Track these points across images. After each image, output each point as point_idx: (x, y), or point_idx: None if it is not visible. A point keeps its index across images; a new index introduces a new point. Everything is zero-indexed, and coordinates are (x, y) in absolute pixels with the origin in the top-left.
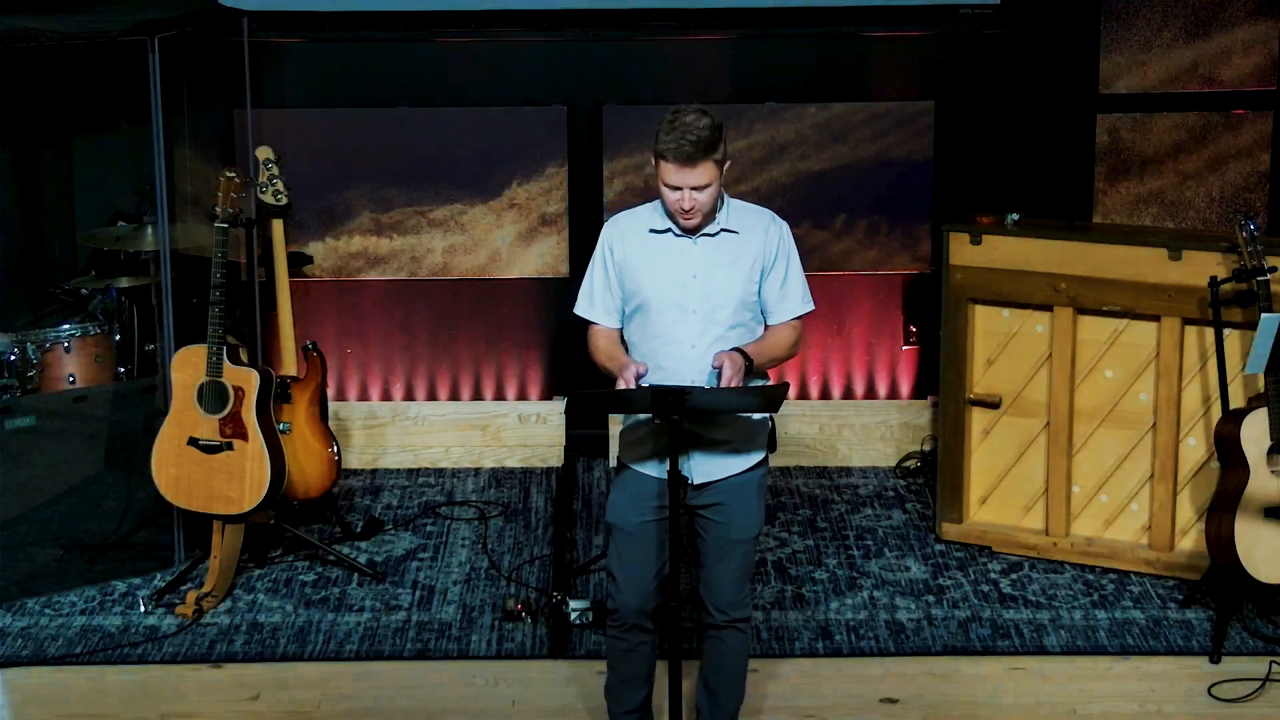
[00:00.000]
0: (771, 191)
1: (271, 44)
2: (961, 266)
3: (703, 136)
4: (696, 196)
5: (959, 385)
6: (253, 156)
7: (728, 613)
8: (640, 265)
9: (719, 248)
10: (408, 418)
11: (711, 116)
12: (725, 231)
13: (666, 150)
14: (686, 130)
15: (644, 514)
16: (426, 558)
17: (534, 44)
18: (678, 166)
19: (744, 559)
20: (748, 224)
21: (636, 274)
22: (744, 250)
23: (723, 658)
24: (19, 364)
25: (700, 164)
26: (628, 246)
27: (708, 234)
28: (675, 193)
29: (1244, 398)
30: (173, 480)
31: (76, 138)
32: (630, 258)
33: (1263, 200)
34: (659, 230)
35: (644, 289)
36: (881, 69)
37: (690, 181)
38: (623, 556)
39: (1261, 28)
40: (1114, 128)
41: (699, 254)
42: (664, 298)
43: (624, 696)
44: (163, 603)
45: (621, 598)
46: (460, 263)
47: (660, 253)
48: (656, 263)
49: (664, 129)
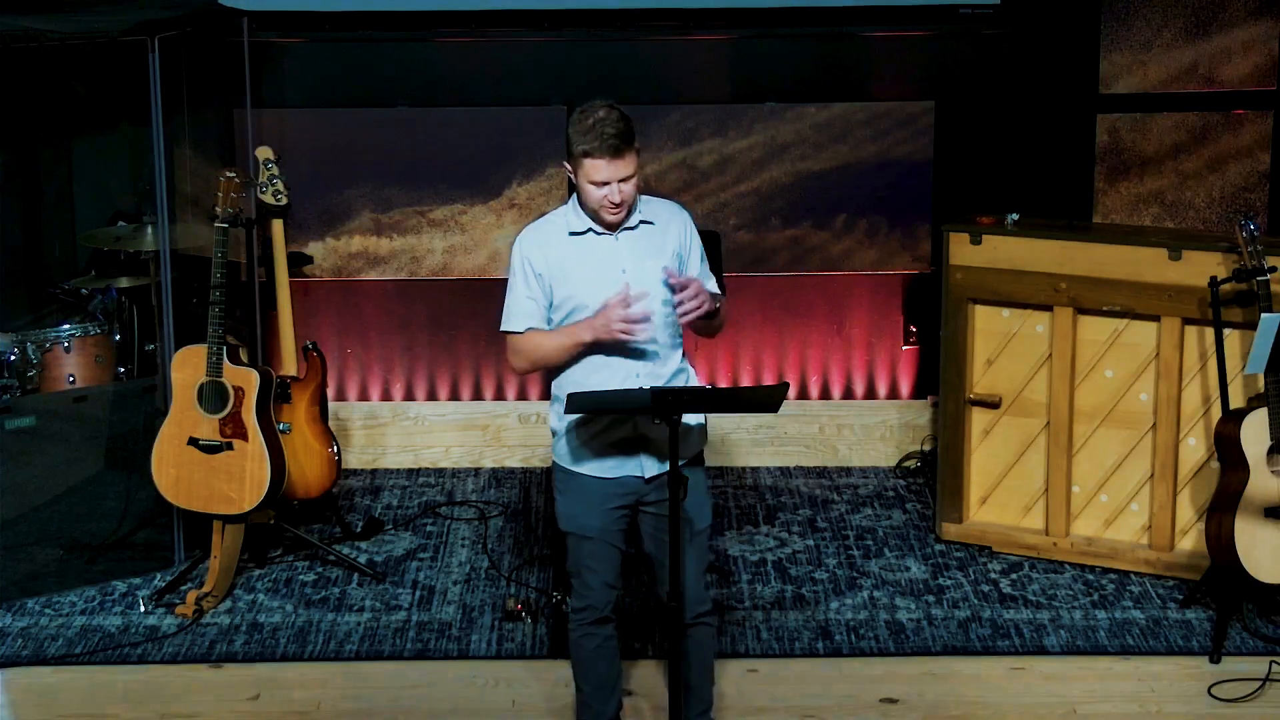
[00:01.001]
0: (771, 191)
1: (271, 44)
2: (961, 266)
3: (621, 128)
4: (624, 188)
5: (959, 385)
6: (253, 156)
7: (694, 609)
8: (569, 269)
9: (642, 239)
10: (408, 418)
11: (619, 109)
12: (644, 223)
13: (591, 148)
14: (605, 124)
15: (602, 517)
16: (426, 558)
17: (534, 44)
18: (606, 160)
19: (701, 551)
20: (661, 214)
21: (566, 279)
22: (664, 239)
23: (692, 655)
24: (19, 364)
25: (625, 154)
26: (550, 255)
27: (628, 228)
28: (603, 188)
29: (1244, 398)
30: (173, 480)
31: (76, 138)
32: (555, 266)
33: (1263, 200)
34: (579, 232)
35: (577, 292)
36: (881, 69)
37: (619, 174)
38: (588, 560)
39: (1261, 28)
40: (1114, 128)
41: (624, 248)
42: (599, 296)
43: (600, 708)
44: (163, 603)
45: (593, 594)
46: (460, 263)
47: (585, 254)
48: (585, 264)
49: (579, 129)
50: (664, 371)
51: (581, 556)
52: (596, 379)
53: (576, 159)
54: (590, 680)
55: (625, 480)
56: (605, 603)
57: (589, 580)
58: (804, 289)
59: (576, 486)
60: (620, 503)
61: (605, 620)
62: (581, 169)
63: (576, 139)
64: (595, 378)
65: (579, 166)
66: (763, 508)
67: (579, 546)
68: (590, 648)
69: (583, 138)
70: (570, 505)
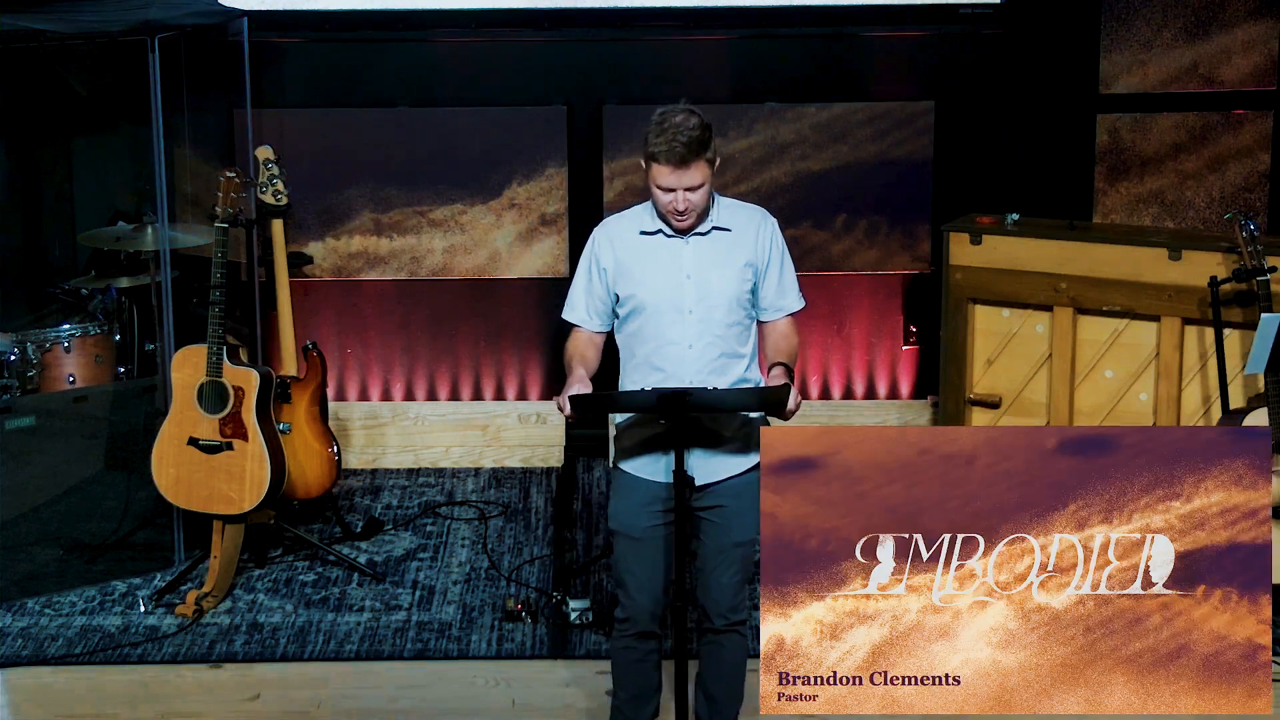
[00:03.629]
0: (771, 191)
1: (271, 44)
2: (961, 266)
3: (694, 137)
4: (690, 197)
5: (959, 385)
6: (253, 156)
7: (727, 616)
8: (633, 268)
9: (711, 246)
10: (408, 418)
11: (700, 115)
12: (717, 230)
13: (659, 153)
14: (678, 131)
15: (650, 519)
16: (426, 558)
17: (534, 44)
18: (671, 168)
19: (743, 562)
20: (739, 221)
21: (630, 277)
22: (736, 248)
23: (721, 662)
24: (19, 364)
25: (693, 164)
26: (618, 250)
27: (699, 233)
28: (669, 195)
29: (1244, 398)
30: (173, 480)
31: (76, 138)
32: (622, 262)
33: (1263, 200)
34: (649, 232)
35: (639, 292)
36: (881, 69)
37: (684, 183)
38: (631, 563)
39: (1261, 28)
40: (1114, 128)
41: (691, 253)
42: (659, 299)
43: (632, 715)
44: (163, 603)
45: (634, 605)
46: (460, 263)
47: (653, 254)
48: (649, 265)
49: (653, 131)
50: (721, 382)
51: (626, 560)
52: (651, 382)
53: (646, 160)
54: (627, 689)
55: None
56: (648, 615)
57: (631, 589)
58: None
59: (624, 485)
60: (669, 505)
61: (648, 635)
62: (650, 171)
63: (650, 140)
64: (649, 380)
65: (648, 168)
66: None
67: (625, 549)
68: (630, 660)
69: (654, 140)
70: (618, 503)
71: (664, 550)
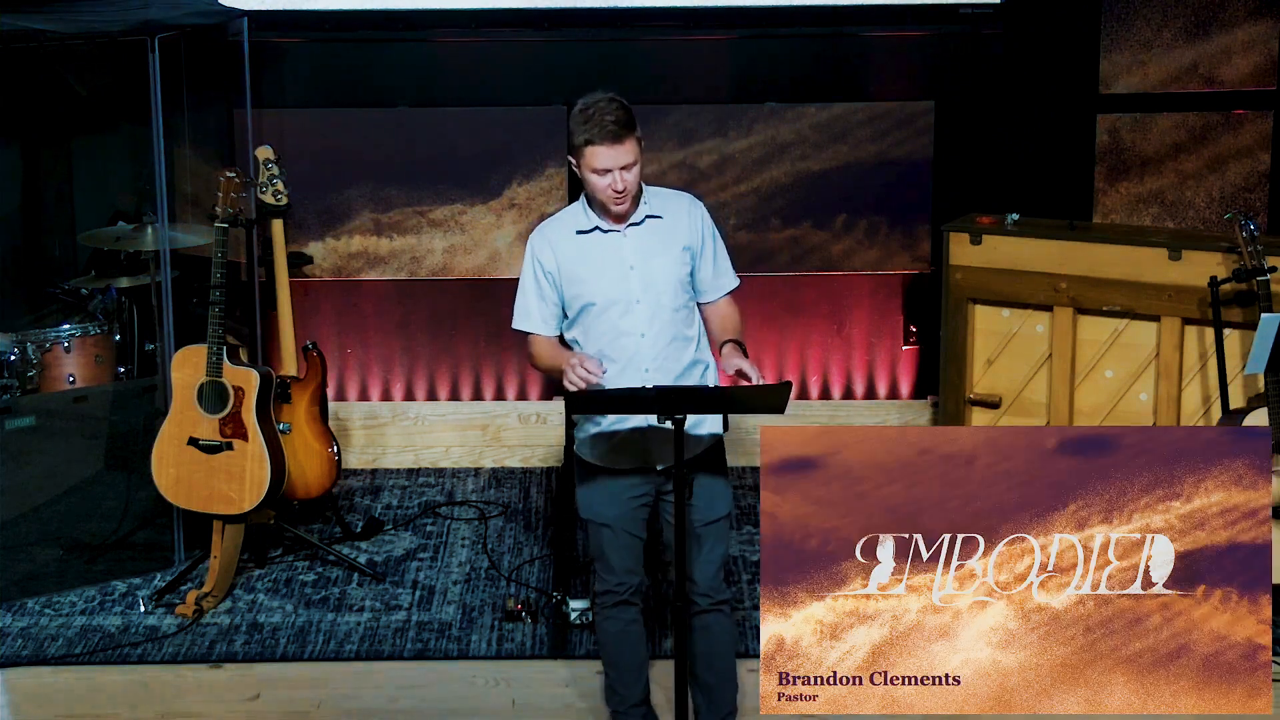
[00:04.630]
0: (771, 191)
1: (271, 44)
2: (961, 266)
3: (622, 116)
4: (626, 176)
5: (959, 385)
6: (253, 156)
7: (711, 595)
8: (577, 267)
9: (649, 234)
10: (408, 418)
11: (622, 100)
12: (650, 218)
13: (593, 135)
14: (605, 112)
15: (619, 507)
16: (426, 558)
17: (534, 44)
18: (607, 146)
19: (720, 539)
20: (670, 208)
21: (575, 277)
22: (672, 233)
23: (711, 644)
24: (19, 364)
25: (626, 141)
26: (559, 253)
27: (635, 223)
28: (606, 176)
29: (1244, 398)
30: (173, 480)
31: (76, 138)
32: (564, 263)
33: (1263, 200)
34: (585, 230)
35: (586, 290)
36: (881, 69)
37: (620, 161)
38: (608, 545)
39: (1261, 28)
40: (1114, 128)
41: (630, 244)
42: (607, 294)
43: (625, 693)
44: (163, 603)
45: (613, 578)
46: (460, 263)
47: (593, 251)
48: (592, 261)
49: (578, 119)
50: (676, 366)
51: (600, 543)
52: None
53: (578, 150)
54: (615, 664)
55: (641, 470)
56: (626, 588)
57: (609, 563)
58: (804, 289)
59: (592, 475)
60: (638, 492)
61: (626, 604)
62: (583, 158)
63: (577, 129)
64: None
65: (581, 157)
66: None
67: (598, 533)
68: (613, 631)
69: (582, 127)
70: (589, 494)
71: (637, 530)
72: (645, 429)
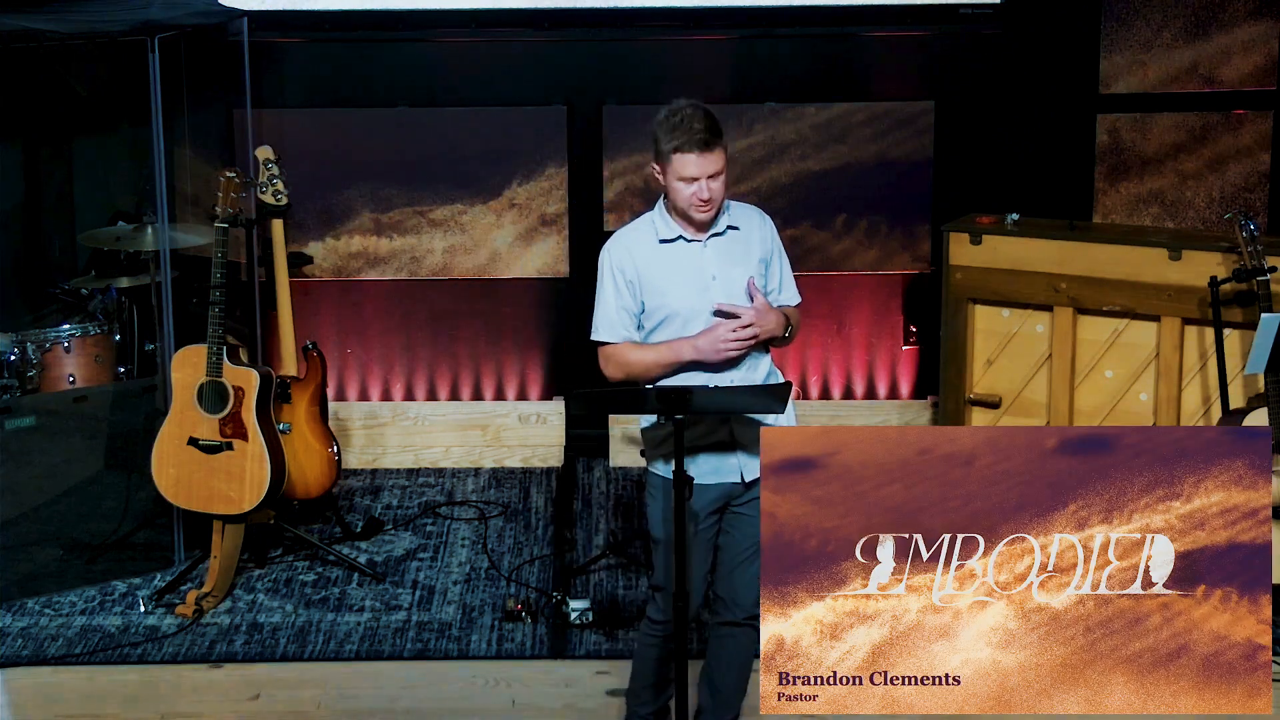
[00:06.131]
0: (771, 191)
1: (271, 44)
2: (961, 266)
3: (711, 124)
4: (713, 185)
5: (959, 385)
6: (253, 156)
7: (749, 610)
8: (659, 277)
9: (728, 246)
10: (408, 418)
11: (705, 107)
12: (730, 229)
13: (682, 143)
14: (694, 120)
15: (697, 524)
16: (426, 558)
17: (534, 44)
18: (697, 155)
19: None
20: (744, 220)
21: (657, 287)
22: (749, 245)
23: (735, 655)
24: (19, 364)
25: (715, 149)
26: (639, 262)
27: (716, 234)
28: (693, 185)
29: (1244, 398)
30: (173, 480)
31: (76, 138)
32: (645, 273)
33: (1263, 200)
34: (668, 239)
35: (669, 300)
36: (881, 69)
37: (708, 169)
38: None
39: (1261, 28)
40: (1114, 128)
41: (712, 255)
42: (689, 304)
43: (646, 699)
44: (163, 603)
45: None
46: (460, 263)
47: (675, 261)
48: (673, 271)
49: (665, 127)
50: (755, 377)
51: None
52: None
53: (665, 156)
54: (646, 679)
55: (722, 486)
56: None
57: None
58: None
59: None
60: (716, 507)
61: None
62: (671, 166)
63: (665, 136)
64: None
65: (668, 164)
66: None
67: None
68: (655, 656)
69: (671, 134)
70: (662, 508)
71: (705, 553)
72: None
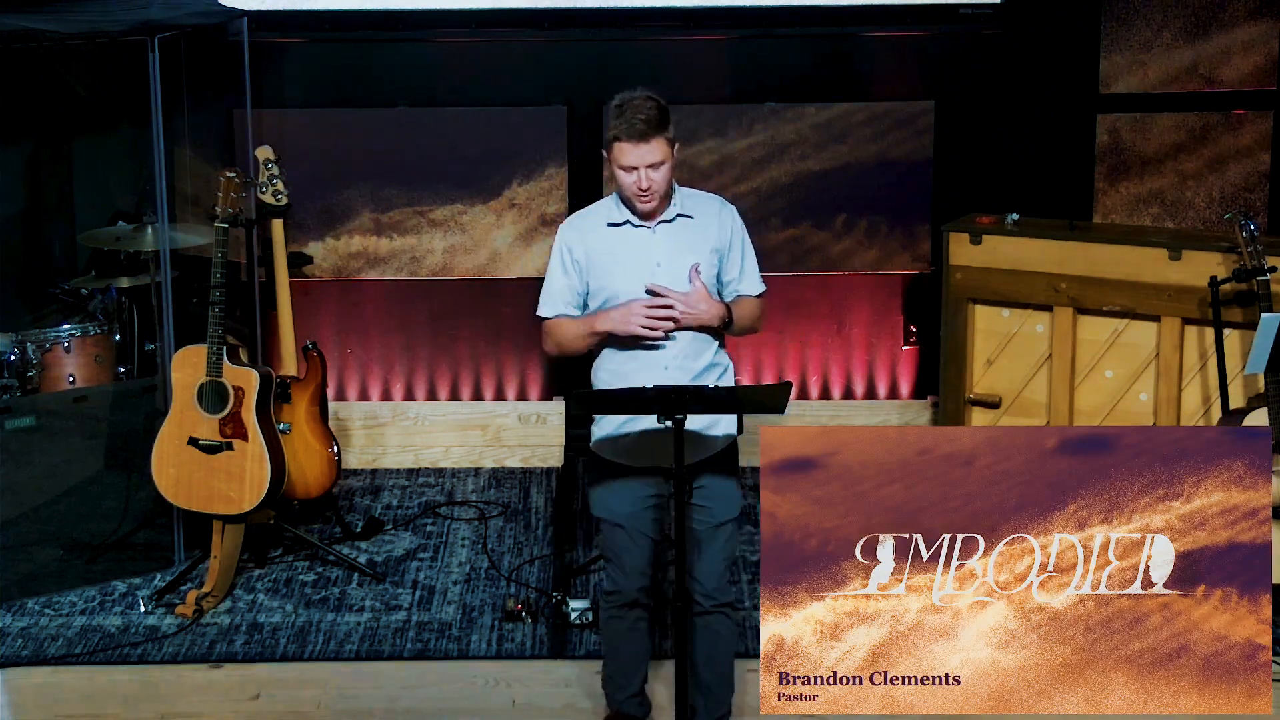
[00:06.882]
0: (771, 191)
1: (271, 44)
2: (961, 266)
3: (652, 115)
4: (652, 175)
5: (959, 385)
6: (253, 156)
7: (715, 597)
8: (604, 259)
9: (679, 233)
10: (408, 418)
11: (658, 99)
12: (681, 217)
13: (620, 132)
14: (636, 110)
15: (633, 505)
16: (426, 558)
17: (534, 44)
18: (633, 144)
19: (728, 541)
20: (700, 209)
21: (601, 269)
22: (702, 234)
23: (712, 645)
24: (19, 364)
25: (653, 140)
26: (588, 243)
27: (665, 220)
28: (631, 174)
29: (1244, 398)
30: (173, 480)
31: (76, 138)
32: (592, 254)
33: (1263, 200)
34: (616, 223)
35: (611, 282)
36: (881, 69)
37: (645, 159)
38: (619, 545)
39: (1261, 28)
40: (1114, 128)
41: (660, 241)
42: (632, 289)
43: (624, 683)
44: (163, 603)
45: (623, 579)
46: (460, 263)
47: (622, 245)
48: (620, 255)
49: (613, 115)
50: (694, 365)
51: (614, 543)
52: (628, 368)
53: (608, 144)
54: (616, 659)
55: (657, 470)
56: (636, 588)
57: (620, 563)
58: (804, 289)
59: (609, 474)
60: (651, 491)
61: (635, 604)
62: (612, 154)
63: (609, 124)
64: (626, 368)
65: (610, 151)
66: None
67: (611, 532)
68: (619, 630)
69: (613, 123)
70: (603, 493)
71: (649, 530)
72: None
